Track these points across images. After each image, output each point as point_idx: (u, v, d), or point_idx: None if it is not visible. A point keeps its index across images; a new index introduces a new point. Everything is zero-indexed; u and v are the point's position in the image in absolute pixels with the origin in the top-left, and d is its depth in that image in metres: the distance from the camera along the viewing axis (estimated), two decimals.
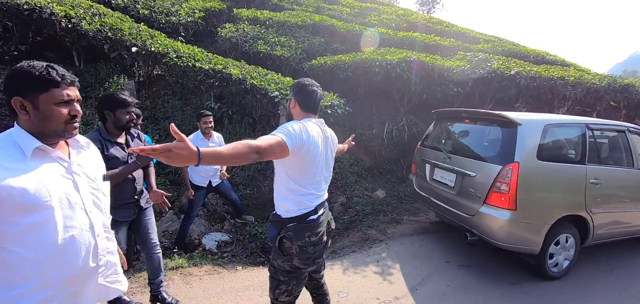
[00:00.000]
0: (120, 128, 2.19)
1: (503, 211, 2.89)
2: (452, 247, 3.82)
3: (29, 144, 1.09)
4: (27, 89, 1.09)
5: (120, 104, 2.12)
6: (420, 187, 4.01)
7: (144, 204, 2.40)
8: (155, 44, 5.43)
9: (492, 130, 3.30)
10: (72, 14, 5.24)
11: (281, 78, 5.58)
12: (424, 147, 4.13)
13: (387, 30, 8.47)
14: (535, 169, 2.92)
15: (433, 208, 3.76)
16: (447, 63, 6.24)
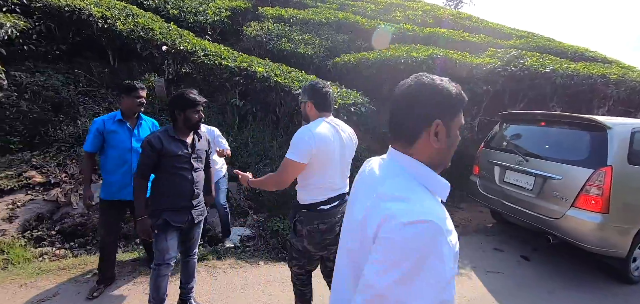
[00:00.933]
0: (190, 127, 2.19)
1: (594, 214, 2.94)
2: (478, 252, 3.69)
3: None
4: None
5: (191, 103, 2.13)
6: (486, 189, 4.02)
7: (197, 216, 2.29)
8: (184, 43, 5.61)
9: (575, 133, 3.34)
10: (108, 14, 5.51)
11: (305, 76, 5.59)
12: (490, 148, 4.13)
13: (413, 26, 8.26)
14: (627, 173, 2.98)
15: (502, 210, 3.75)
16: (475, 60, 6.00)
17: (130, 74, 5.70)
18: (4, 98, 4.38)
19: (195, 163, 2.22)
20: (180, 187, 2.17)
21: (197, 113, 2.16)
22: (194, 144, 2.22)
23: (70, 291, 2.60)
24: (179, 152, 2.12)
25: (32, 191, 3.81)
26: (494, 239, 4.05)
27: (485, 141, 4.31)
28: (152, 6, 7.16)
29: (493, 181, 3.90)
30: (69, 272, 2.85)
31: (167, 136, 2.13)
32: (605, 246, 2.96)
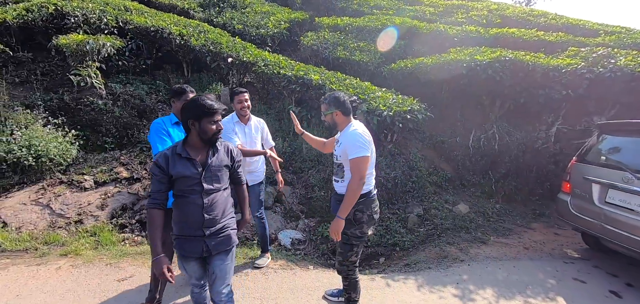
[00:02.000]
0: (206, 141, 1.83)
1: None
2: (553, 280, 3.23)
3: None
4: None
5: (207, 112, 1.77)
6: (580, 209, 3.51)
7: (216, 247, 1.88)
8: (247, 55, 6.04)
9: None
10: (184, 32, 6.21)
11: (359, 83, 5.58)
12: (585, 163, 3.62)
13: (477, 28, 7.69)
14: None
15: (603, 236, 3.24)
16: (553, 61, 5.33)
17: (200, 83, 6.32)
18: (102, 105, 5.20)
19: (207, 184, 1.82)
20: (188, 214, 1.82)
21: (214, 123, 1.81)
22: (206, 161, 1.84)
23: (142, 275, 2.96)
24: (186, 172, 1.78)
25: (120, 184, 4.43)
26: (573, 267, 3.51)
27: (579, 155, 3.73)
28: (221, 23, 7.86)
29: (590, 201, 3.39)
30: (143, 257, 3.25)
31: (174, 154, 1.80)
32: None
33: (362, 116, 4.88)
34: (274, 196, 4.77)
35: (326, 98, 2.32)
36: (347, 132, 2.24)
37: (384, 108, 4.62)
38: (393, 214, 4.57)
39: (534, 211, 5.02)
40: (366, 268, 3.70)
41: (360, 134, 2.17)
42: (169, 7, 8.11)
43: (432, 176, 5.19)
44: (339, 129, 2.32)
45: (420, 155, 5.41)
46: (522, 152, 5.40)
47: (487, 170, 5.44)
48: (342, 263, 2.36)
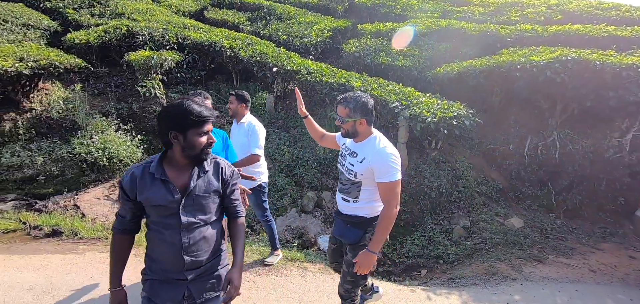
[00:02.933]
0: (194, 158, 1.39)
1: None
2: None
3: None
4: None
5: (196, 120, 1.32)
6: None
7: (201, 295, 1.44)
8: (291, 64, 6.27)
9: None
10: (234, 45, 6.66)
11: (402, 88, 5.48)
12: None
13: (533, 26, 7.09)
14: None
15: None
16: (627, 59, 4.72)
17: (247, 91, 6.69)
18: None
19: (187, 216, 1.37)
20: (162, 254, 1.41)
21: (204, 135, 1.37)
22: (187, 187, 1.38)
23: None
24: (158, 200, 1.35)
25: None
26: None
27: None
28: (267, 35, 8.27)
29: None
30: None
31: (145, 174, 1.37)
32: None
33: (404, 122, 4.78)
34: (315, 200, 4.87)
35: (349, 100, 1.84)
36: (374, 147, 1.85)
37: (427, 114, 4.48)
38: (437, 225, 4.38)
39: (603, 230, 4.45)
40: (406, 279, 3.59)
41: (393, 152, 1.82)
42: (221, 22, 8.75)
43: (480, 186, 4.88)
44: (358, 138, 1.92)
45: (468, 163, 5.12)
46: (589, 163, 4.84)
47: (545, 181, 4.96)
48: (350, 291, 2.05)
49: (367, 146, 1.88)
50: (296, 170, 5.21)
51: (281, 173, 5.18)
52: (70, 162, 5.00)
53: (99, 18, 7.70)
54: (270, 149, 5.49)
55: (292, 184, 5.09)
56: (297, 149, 5.51)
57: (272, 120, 6.28)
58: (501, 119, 5.69)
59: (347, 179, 1.96)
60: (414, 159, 5.09)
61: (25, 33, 6.68)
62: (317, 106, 6.37)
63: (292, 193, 4.89)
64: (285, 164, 5.29)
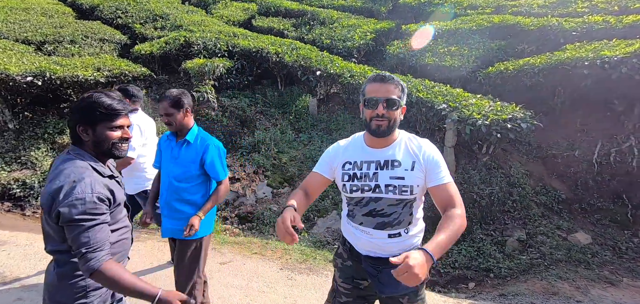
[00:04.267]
0: (104, 154, 1.32)
1: None
2: None
3: None
4: None
5: (105, 114, 1.26)
6: None
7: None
8: (334, 67, 6.33)
9: None
10: (279, 50, 6.91)
11: (450, 90, 5.22)
12: None
13: (604, 17, 6.30)
14: None
15: None
16: None
17: (291, 95, 6.90)
18: (214, 116, 6.19)
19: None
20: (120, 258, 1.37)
21: (118, 130, 1.31)
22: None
23: (238, 261, 3.38)
24: (122, 196, 1.36)
25: None
26: None
27: None
28: (311, 40, 8.44)
29: None
30: (240, 246, 3.72)
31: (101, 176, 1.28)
32: None
33: (452, 126, 4.56)
34: None
35: (395, 80, 1.39)
36: (417, 143, 1.44)
37: (478, 116, 4.21)
38: (487, 235, 4.10)
39: None
40: (452, 290, 3.41)
41: None
42: (267, 29, 9.13)
43: (539, 196, 4.46)
44: (388, 139, 1.42)
45: (524, 170, 4.71)
46: None
47: (619, 193, 4.37)
48: None
49: (402, 145, 1.43)
50: None
51: None
52: None
53: (161, 31, 8.50)
54: (313, 151, 5.59)
55: (334, 186, 5.11)
56: None
57: (315, 123, 6.39)
58: (564, 122, 5.15)
59: (390, 204, 1.38)
60: (463, 164, 4.82)
61: (101, 46, 7.61)
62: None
63: (333, 195, 4.92)
64: None
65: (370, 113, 1.37)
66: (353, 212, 1.48)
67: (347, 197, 1.51)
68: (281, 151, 5.62)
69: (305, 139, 5.97)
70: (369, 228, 1.43)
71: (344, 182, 1.46)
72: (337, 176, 1.50)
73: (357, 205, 1.45)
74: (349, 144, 1.55)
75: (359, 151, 1.48)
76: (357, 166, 1.44)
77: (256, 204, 4.86)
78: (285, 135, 5.95)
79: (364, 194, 1.42)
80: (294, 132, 6.14)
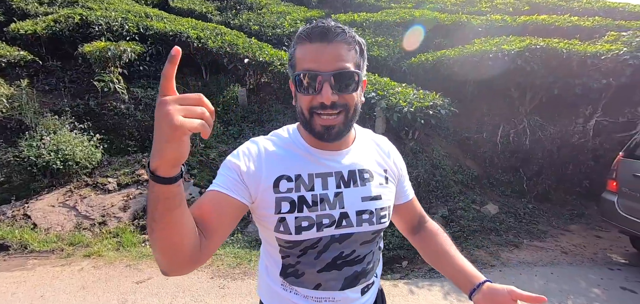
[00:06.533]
0: None
1: None
2: (598, 289, 2.93)
3: None
4: None
5: None
6: (631, 211, 3.19)
7: None
8: (263, 55, 6.00)
9: None
10: (201, 35, 6.27)
11: (378, 78, 5.39)
12: (634, 159, 3.31)
13: (503, 16, 7.26)
14: None
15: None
16: (590, 48, 4.91)
17: (218, 85, 6.36)
18: (125, 110, 5.33)
19: None
20: None
21: None
22: None
23: (159, 277, 2.95)
24: None
25: (142, 186, 4.50)
26: (621, 274, 3.18)
27: (627, 149, 3.39)
28: (237, 25, 7.90)
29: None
30: None
31: None
32: None
33: (381, 113, 4.70)
34: None
35: (350, 35, 0.76)
36: (379, 140, 0.98)
37: (404, 104, 4.42)
38: None
39: (571, 212, 4.64)
40: (388, 272, 3.53)
41: None
42: (187, 12, 8.26)
43: (457, 175, 4.92)
44: (344, 140, 0.86)
45: (444, 152, 5.15)
46: (556, 148, 5.01)
47: (517, 167, 5.09)
48: None
49: (365, 143, 0.93)
50: None
51: None
52: (17, 167, 4.47)
53: (48, 6, 6.99)
54: None
55: None
56: None
57: (245, 114, 6.00)
58: (475, 108, 5.78)
59: (364, 241, 0.85)
60: None
61: None
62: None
63: None
64: None
65: (309, 101, 0.76)
66: (297, 270, 0.83)
67: (285, 243, 0.81)
68: (208, 146, 5.13)
69: (235, 132, 5.56)
70: (334, 290, 0.83)
71: (282, 215, 0.78)
72: (261, 206, 0.79)
73: (307, 254, 0.81)
74: (282, 145, 0.85)
75: (302, 157, 0.83)
76: (304, 184, 0.80)
77: None
78: (212, 129, 5.45)
79: (321, 232, 0.79)
80: (223, 125, 5.67)
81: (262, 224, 0.83)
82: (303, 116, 0.79)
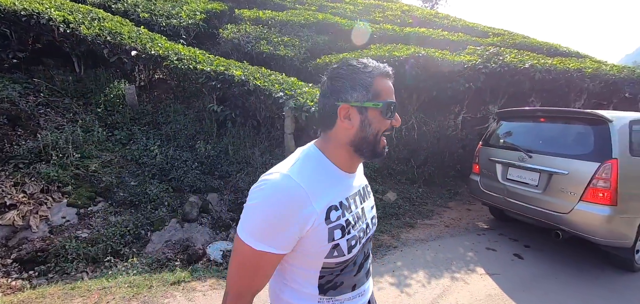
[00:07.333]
0: None
1: (603, 207, 2.97)
2: (471, 252, 3.60)
3: None
4: None
5: None
6: (488, 187, 3.99)
7: None
8: (156, 47, 5.28)
9: (577, 128, 3.38)
10: (70, 19, 5.11)
11: (285, 78, 5.39)
12: (489, 146, 4.11)
13: (393, 26, 8.24)
14: (631, 164, 3.04)
15: (507, 208, 3.76)
16: (456, 58, 6.00)
17: (97, 81, 5.30)
18: None
19: None
20: None
21: None
22: None
23: None
24: None
25: None
26: (485, 238, 3.99)
27: (484, 139, 4.28)
28: (121, 10, 6.75)
29: (495, 178, 3.88)
30: None
31: None
32: (614, 237, 3.02)
33: (290, 113, 4.72)
34: (199, 205, 4.29)
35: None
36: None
37: (311, 104, 4.53)
38: None
39: (449, 191, 5.59)
40: None
41: None
42: None
43: (363, 168, 5.33)
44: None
45: None
46: (436, 140, 5.96)
47: (409, 158, 5.85)
48: None
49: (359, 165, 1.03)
50: (172, 173, 4.45)
51: (153, 179, 4.32)
52: None
53: None
54: (137, 151, 4.52)
55: (169, 190, 4.33)
56: (171, 149, 4.72)
57: (136, 116, 5.18)
58: None
59: (372, 238, 1.06)
60: None
61: None
62: (193, 97, 5.63)
63: (169, 201, 4.15)
64: (157, 168, 4.44)
65: (385, 125, 0.89)
66: (336, 282, 0.91)
67: (334, 265, 0.88)
68: (87, 155, 4.23)
69: (124, 137, 4.74)
70: (363, 285, 0.99)
71: (336, 241, 0.84)
72: (311, 241, 0.83)
73: (348, 266, 0.91)
74: (317, 175, 0.86)
75: (340, 182, 0.90)
76: (346, 209, 0.88)
77: (51, 235, 3.45)
78: (91, 134, 4.51)
79: (361, 244, 0.92)
80: (106, 129, 4.76)
81: (309, 255, 0.85)
82: (372, 137, 0.88)
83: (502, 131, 4.09)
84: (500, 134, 4.08)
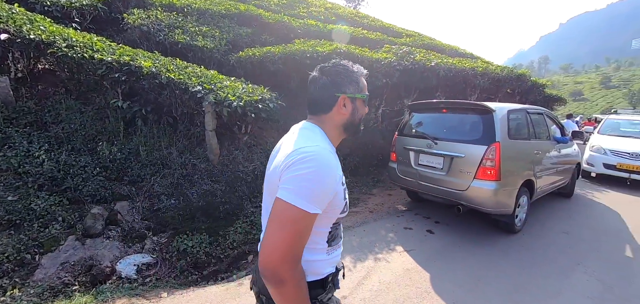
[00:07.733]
0: None
1: (490, 182, 3.53)
2: (391, 233, 3.91)
3: None
4: None
5: None
6: (404, 173, 4.38)
7: None
8: (36, 30, 4.34)
9: (470, 117, 3.91)
10: None
11: (204, 71, 5.02)
12: (403, 136, 4.50)
13: (316, 22, 8.40)
14: (509, 146, 3.66)
15: (420, 190, 4.17)
16: (375, 55, 6.42)
17: None
18: None
19: None
20: None
21: None
22: None
23: None
24: None
25: None
26: (403, 219, 4.38)
27: (399, 129, 4.68)
28: None
29: (409, 164, 4.30)
30: None
31: None
32: (500, 207, 3.61)
33: (210, 108, 4.42)
34: (105, 216, 3.71)
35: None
36: None
37: (233, 98, 4.32)
38: (256, 207, 4.41)
39: (373, 179, 5.99)
40: (234, 271, 3.40)
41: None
42: None
43: None
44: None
45: (273, 141, 5.45)
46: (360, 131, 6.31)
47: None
48: None
49: None
50: (67, 182, 3.75)
51: (40, 191, 3.58)
52: None
53: None
54: (14, 159, 3.67)
55: (64, 203, 3.64)
56: (64, 154, 3.97)
57: (13, 115, 4.20)
58: (298, 100, 6.40)
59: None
60: (226, 146, 4.87)
61: None
62: (92, 91, 4.83)
63: (64, 216, 3.50)
64: (45, 177, 3.69)
65: (365, 112, 1.24)
66: (335, 235, 1.15)
67: (341, 219, 1.14)
68: None
69: None
70: (342, 237, 1.27)
71: (346, 199, 1.12)
72: (335, 201, 1.04)
73: (339, 222, 1.16)
74: (332, 151, 1.11)
75: (336, 157, 1.11)
76: (342, 175, 1.11)
77: None
78: None
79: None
80: None
81: (330, 212, 1.06)
82: (358, 120, 1.21)
83: (413, 122, 4.54)
84: (412, 124, 4.52)
